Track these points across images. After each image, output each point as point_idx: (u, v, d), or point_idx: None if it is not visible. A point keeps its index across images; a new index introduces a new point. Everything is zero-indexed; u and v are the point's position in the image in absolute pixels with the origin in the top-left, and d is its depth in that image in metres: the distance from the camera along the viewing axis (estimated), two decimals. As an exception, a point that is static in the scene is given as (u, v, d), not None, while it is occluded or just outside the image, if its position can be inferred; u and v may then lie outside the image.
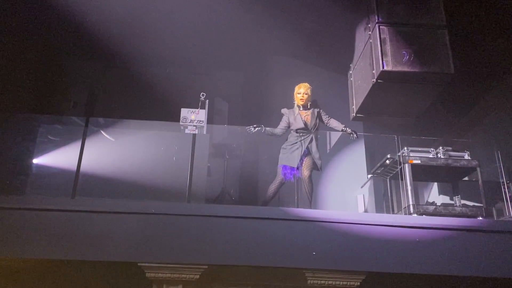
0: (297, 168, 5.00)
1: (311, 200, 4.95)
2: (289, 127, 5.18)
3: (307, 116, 5.20)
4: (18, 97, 6.48)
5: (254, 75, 8.01)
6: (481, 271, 4.00)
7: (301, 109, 5.23)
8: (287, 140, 5.19)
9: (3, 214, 3.93)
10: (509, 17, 5.66)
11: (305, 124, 5.15)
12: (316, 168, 5.10)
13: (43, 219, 3.95)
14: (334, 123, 5.27)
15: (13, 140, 5.47)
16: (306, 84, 5.27)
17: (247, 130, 5.13)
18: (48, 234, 3.90)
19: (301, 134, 5.11)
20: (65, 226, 3.93)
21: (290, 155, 5.06)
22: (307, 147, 5.06)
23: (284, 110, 5.28)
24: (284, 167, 5.03)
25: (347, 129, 5.19)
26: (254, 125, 5.13)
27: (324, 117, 5.29)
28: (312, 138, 5.11)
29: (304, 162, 5.04)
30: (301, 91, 5.23)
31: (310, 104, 5.27)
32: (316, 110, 5.26)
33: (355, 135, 5.16)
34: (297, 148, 5.05)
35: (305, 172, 5.00)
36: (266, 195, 5.02)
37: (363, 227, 4.09)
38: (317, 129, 5.22)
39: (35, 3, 6.15)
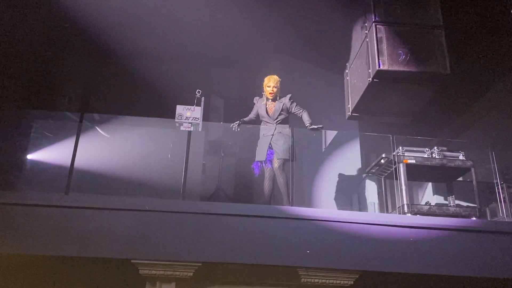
0: (265, 161, 4.99)
1: (288, 193, 4.79)
2: (258, 116, 5.24)
3: (270, 106, 5.20)
4: (12, 92, 6.43)
5: (250, 72, 7.98)
6: (474, 271, 4.02)
7: (269, 100, 5.23)
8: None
9: (-4, 210, 3.91)
10: (505, 18, 5.67)
11: (267, 113, 5.15)
12: (287, 158, 4.92)
13: (37, 215, 3.93)
14: (305, 117, 5.13)
15: (7, 136, 5.43)
16: (276, 77, 5.24)
17: (231, 127, 5.14)
18: (41, 230, 3.88)
19: (266, 125, 5.14)
20: (59, 222, 3.92)
21: (259, 150, 5.08)
22: (271, 141, 5.01)
23: (256, 99, 5.36)
24: (256, 163, 5.07)
25: (312, 125, 5.05)
26: (238, 122, 5.15)
27: (296, 109, 5.18)
28: (275, 129, 5.05)
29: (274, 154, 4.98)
30: (271, 85, 5.19)
31: (279, 96, 5.25)
32: (283, 103, 5.18)
33: (316, 129, 5.02)
34: (264, 142, 5.06)
35: (275, 164, 4.93)
36: (264, 194, 5.00)
37: (357, 226, 4.09)
38: (282, 122, 5.13)
39: (30, -2, 6.12)
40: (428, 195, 5.78)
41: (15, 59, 6.51)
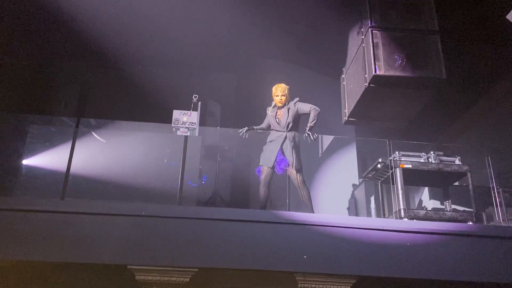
0: (274, 167, 4.88)
1: (311, 205, 4.75)
2: (269, 126, 5.17)
3: (280, 114, 5.13)
4: (7, 97, 6.41)
5: (247, 77, 8.00)
6: (471, 276, 4.01)
7: (279, 108, 5.17)
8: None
9: (-9, 215, 3.88)
10: (500, 24, 5.71)
11: (278, 122, 5.08)
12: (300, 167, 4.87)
13: (32, 220, 3.91)
14: (311, 115, 4.99)
15: (2, 141, 5.41)
16: (283, 85, 5.17)
17: (239, 133, 5.11)
18: (37, 236, 3.85)
19: (276, 132, 5.05)
20: (54, 228, 3.89)
21: (265, 155, 4.98)
22: (281, 147, 4.92)
23: (268, 109, 5.27)
24: (259, 168, 4.96)
25: (308, 131, 4.93)
26: (246, 128, 5.12)
27: (304, 108, 5.06)
28: (286, 137, 4.96)
29: (289, 166, 4.86)
30: (278, 94, 5.12)
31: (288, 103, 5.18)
32: (290, 108, 5.08)
33: (309, 138, 4.91)
34: (272, 148, 4.97)
35: (295, 178, 4.81)
36: (259, 199, 4.91)
37: (354, 231, 4.09)
38: (292, 128, 5.03)
39: (26, 3, 6.10)
40: (425, 200, 5.79)
41: (11, 64, 6.50)
